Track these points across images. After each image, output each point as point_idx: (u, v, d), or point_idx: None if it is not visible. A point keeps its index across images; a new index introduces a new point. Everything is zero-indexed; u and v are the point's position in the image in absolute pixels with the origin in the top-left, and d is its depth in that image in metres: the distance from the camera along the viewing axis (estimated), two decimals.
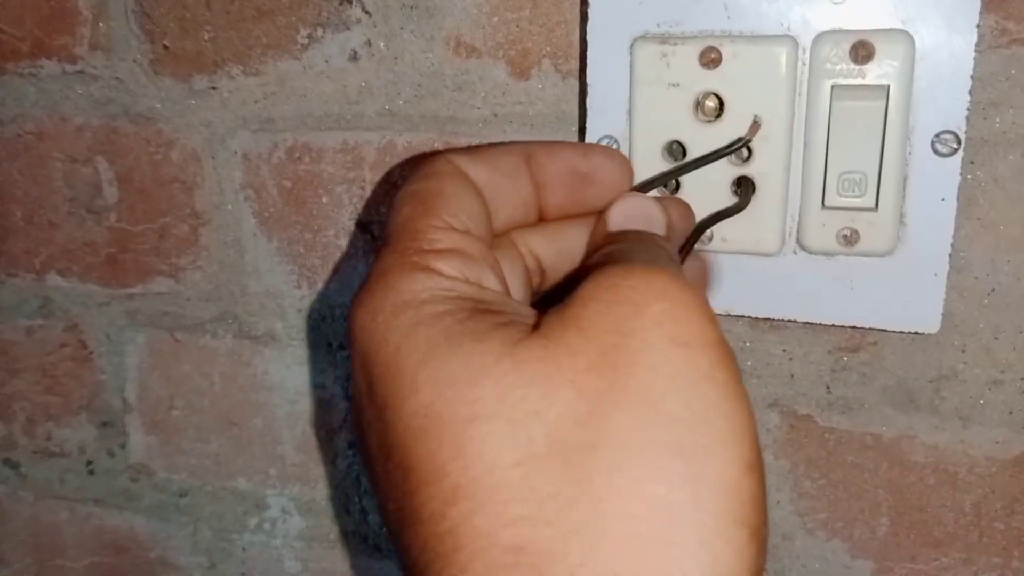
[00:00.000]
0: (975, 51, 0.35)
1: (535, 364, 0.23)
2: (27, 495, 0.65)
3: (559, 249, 0.33)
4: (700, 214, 0.39)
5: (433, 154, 0.30)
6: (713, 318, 0.24)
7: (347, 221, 0.50)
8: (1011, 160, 0.39)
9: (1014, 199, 0.39)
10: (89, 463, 0.62)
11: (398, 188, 0.29)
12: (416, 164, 0.30)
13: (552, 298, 0.27)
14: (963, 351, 0.42)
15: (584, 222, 0.33)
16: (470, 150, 0.31)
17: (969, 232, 0.40)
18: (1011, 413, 0.42)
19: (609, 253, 0.29)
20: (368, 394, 0.25)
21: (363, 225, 0.50)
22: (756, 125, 0.37)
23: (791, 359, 0.44)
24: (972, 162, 0.39)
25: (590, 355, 0.23)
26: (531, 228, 0.33)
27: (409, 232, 0.27)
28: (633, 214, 0.32)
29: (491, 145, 0.32)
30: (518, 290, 0.32)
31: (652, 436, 0.22)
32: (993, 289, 0.41)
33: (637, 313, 0.23)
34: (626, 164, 0.34)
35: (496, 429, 0.22)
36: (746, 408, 0.23)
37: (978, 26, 0.35)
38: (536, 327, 0.24)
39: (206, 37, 0.50)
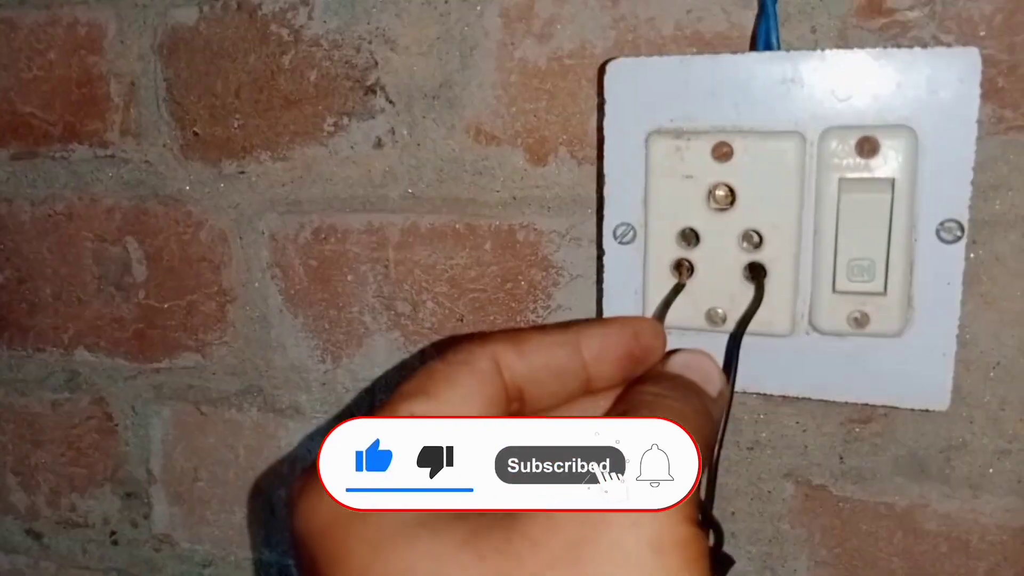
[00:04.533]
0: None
1: (495, 558, 0.22)
2: (49, 565, 0.66)
3: None
4: (713, 297, 0.41)
5: (485, 339, 0.30)
6: (695, 505, 0.24)
7: (371, 298, 0.52)
8: (1011, 240, 0.41)
9: (1015, 276, 0.41)
10: (113, 533, 0.63)
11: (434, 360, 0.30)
12: (464, 343, 0.30)
13: None
14: (971, 422, 0.43)
15: (590, 411, 0.33)
16: (520, 341, 0.30)
17: (973, 308, 0.42)
18: (1020, 482, 0.43)
19: (640, 394, 0.30)
20: None
21: (387, 302, 0.51)
22: (685, 269, 0.41)
23: (804, 431, 0.45)
24: (974, 242, 0.41)
25: (554, 548, 0.22)
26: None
27: (384, 414, 0.27)
28: (694, 367, 0.32)
29: (543, 331, 0.31)
30: None
31: None
32: (998, 362, 0.42)
33: None
34: (663, 333, 0.35)
35: None
36: None
37: (978, 120, 0.37)
38: (507, 512, 0.24)
39: (235, 124, 0.52)
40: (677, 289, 0.41)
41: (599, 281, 0.45)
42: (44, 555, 0.66)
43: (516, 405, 0.31)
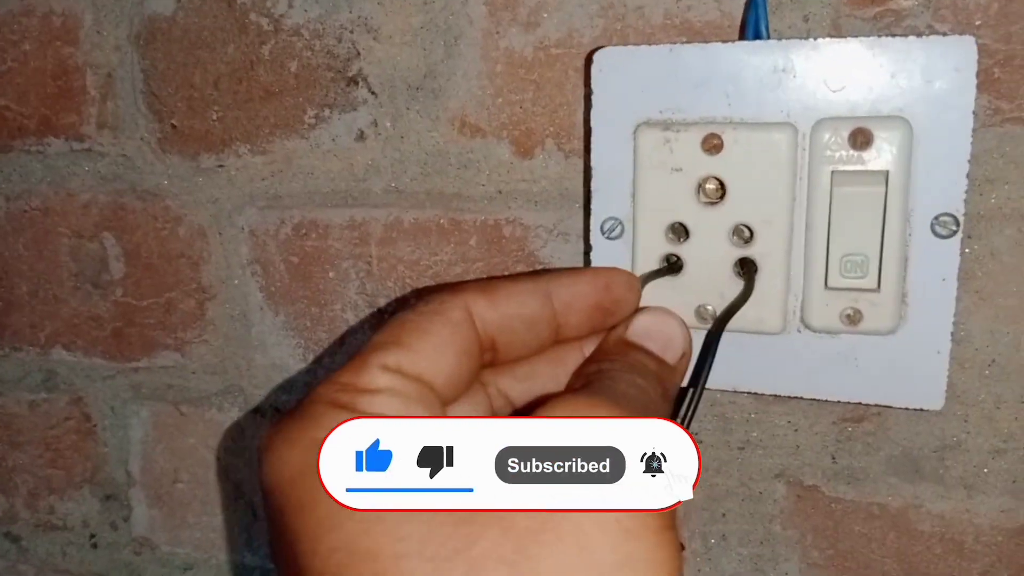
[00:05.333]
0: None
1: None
2: (28, 568, 0.65)
3: (528, 387, 0.33)
4: (703, 293, 0.40)
5: (456, 288, 0.30)
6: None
7: (354, 295, 0.51)
8: (1007, 234, 0.40)
9: (1011, 272, 0.40)
10: (92, 536, 0.62)
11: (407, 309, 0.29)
12: (436, 292, 0.29)
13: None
14: (966, 421, 0.42)
15: (555, 360, 0.33)
16: (491, 291, 0.30)
17: (968, 305, 0.41)
18: (1015, 482, 0.42)
19: (600, 372, 0.30)
20: (279, 528, 0.25)
21: (369, 299, 0.50)
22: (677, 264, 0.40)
23: (796, 430, 0.45)
24: (969, 236, 0.40)
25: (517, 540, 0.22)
26: (501, 369, 0.33)
27: (356, 364, 0.27)
28: (655, 333, 0.32)
29: (514, 280, 0.31)
30: None
31: None
32: (993, 360, 0.41)
33: None
34: (637, 286, 0.35)
35: (420, 567, 0.22)
36: (675, 557, 0.23)
37: (974, 112, 0.36)
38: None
39: (214, 117, 0.51)
40: (671, 268, 0.39)
41: None
42: (23, 558, 0.65)
43: (489, 355, 0.31)
